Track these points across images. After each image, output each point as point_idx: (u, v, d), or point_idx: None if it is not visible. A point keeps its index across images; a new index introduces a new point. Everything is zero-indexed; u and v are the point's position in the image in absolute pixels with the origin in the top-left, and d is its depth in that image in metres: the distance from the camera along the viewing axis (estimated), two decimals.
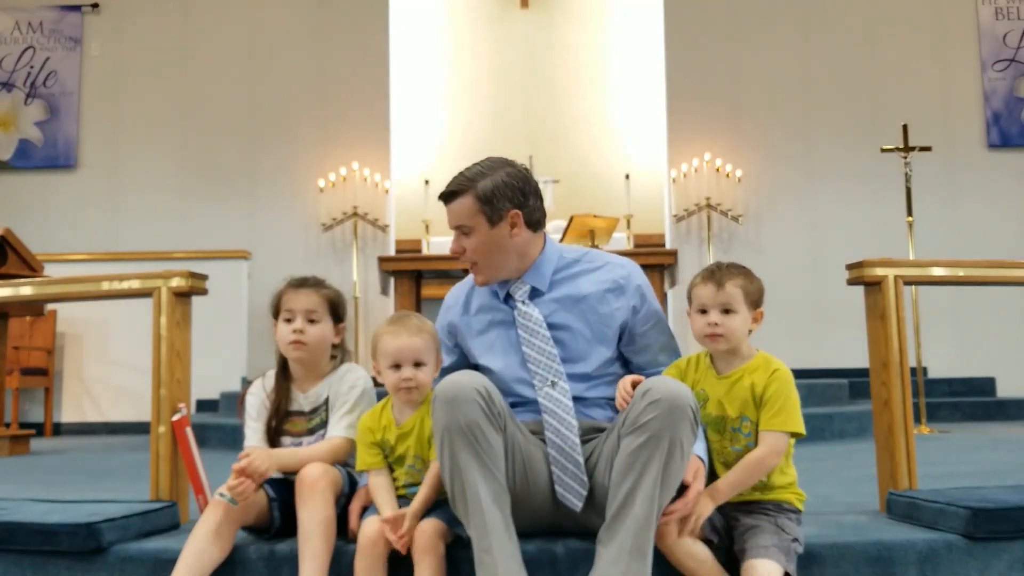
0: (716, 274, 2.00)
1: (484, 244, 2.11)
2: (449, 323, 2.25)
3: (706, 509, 1.89)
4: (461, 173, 2.14)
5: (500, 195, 2.09)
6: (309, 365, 2.20)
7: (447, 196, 2.14)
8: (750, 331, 2.01)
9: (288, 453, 2.10)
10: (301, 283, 2.20)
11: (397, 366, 2.03)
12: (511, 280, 2.16)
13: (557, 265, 2.18)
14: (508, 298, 2.17)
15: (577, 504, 1.96)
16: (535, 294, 2.15)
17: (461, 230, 2.13)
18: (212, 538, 1.95)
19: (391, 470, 2.06)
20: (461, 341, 2.23)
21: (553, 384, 2.05)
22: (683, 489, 1.87)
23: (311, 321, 2.15)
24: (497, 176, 2.10)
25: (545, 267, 2.16)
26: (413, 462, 2.04)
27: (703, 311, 1.99)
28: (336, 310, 2.20)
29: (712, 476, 1.98)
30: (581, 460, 1.96)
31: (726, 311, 1.97)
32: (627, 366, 2.20)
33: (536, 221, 2.15)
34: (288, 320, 2.16)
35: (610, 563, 1.77)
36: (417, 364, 2.03)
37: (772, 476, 1.95)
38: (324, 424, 2.17)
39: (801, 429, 1.93)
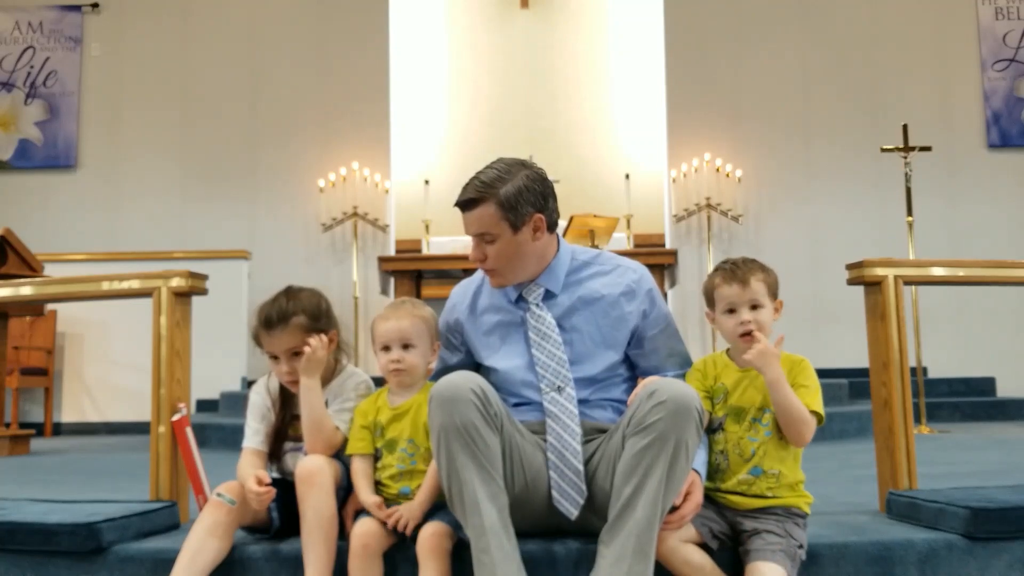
0: (738, 272, 1.99)
1: (507, 250, 2.05)
2: (455, 321, 2.21)
3: (771, 356, 1.89)
4: (477, 178, 2.05)
5: (523, 200, 2.02)
6: None
7: (466, 204, 2.05)
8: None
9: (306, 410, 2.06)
10: (268, 323, 2.07)
11: (387, 348, 2.04)
12: (524, 282, 2.13)
13: (570, 267, 2.15)
14: (520, 300, 2.13)
15: (573, 512, 1.95)
16: (547, 296, 2.13)
17: (483, 238, 2.06)
18: (210, 537, 1.94)
19: (380, 457, 2.05)
20: (467, 340, 2.20)
21: (560, 389, 2.03)
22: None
23: (296, 354, 2.07)
24: (518, 180, 2.03)
25: (559, 269, 2.14)
26: (405, 446, 2.02)
27: (731, 311, 1.99)
28: (316, 329, 2.07)
29: (729, 471, 1.97)
30: (581, 468, 1.95)
31: (755, 307, 1.98)
32: (633, 369, 2.18)
33: (554, 223, 2.12)
34: (274, 358, 2.11)
35: (612, 563, 1.76)
36: (405, 346, 2.03)
37: (785, 475, 1.95)
38: None
39: (823, 413, 1.95)
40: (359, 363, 7.12)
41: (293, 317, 2.07)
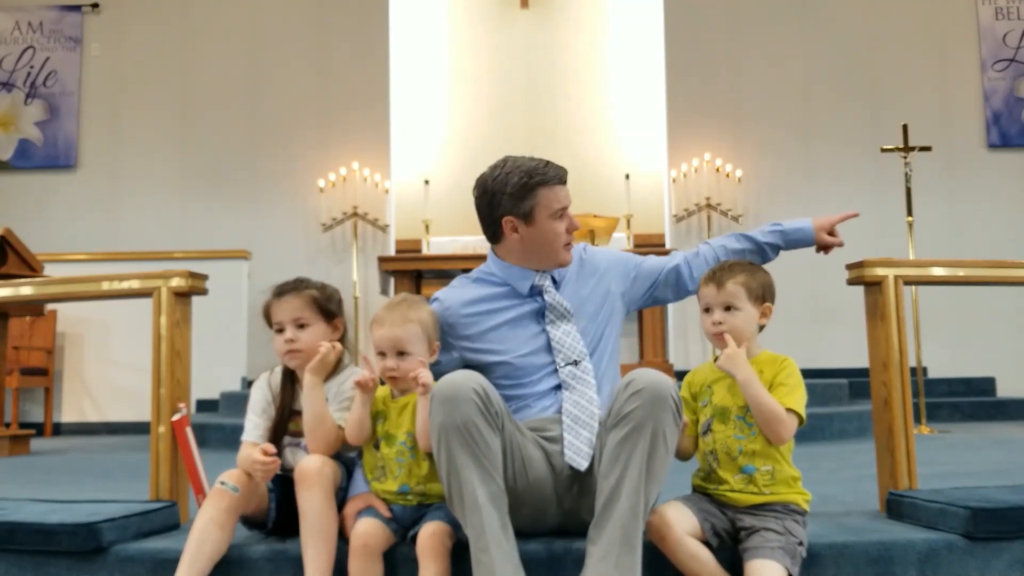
0: (717, 274, 2.04)
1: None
2: (446, 325, 2.19)
3: (739, 358, 1.93)
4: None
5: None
6: None
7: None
8: (762, 327, 2.04)
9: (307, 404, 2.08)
10: (281, 291, 2.15)
11: (383, 354, 2.05)
12: (533, 273, 2.19)
13: None
14: (532, 289, 2.19)
15: (583, 464, 1.96)
16: (552, 282, 2.22)
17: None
18: (214, 525, 1.95)
19: (378, 447, 2.05)
20: (457, 344, 2.18)
21: (576, 363, 2.11)
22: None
23: (301, 327, 2.12)
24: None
25: None
26: (405, 439, 2.01)
27: (707, 310, 2.04)
28: (326, 307, 2.16)
29: (722, 470, 1.97)
30: (596, 426, 1.98)
31: (728, 308, 2.00)
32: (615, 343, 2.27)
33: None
34: (279, 331, 2.14)
35: (600, 557, 1.77)
36: (400, 353, 2.03)
37: (780, 471, 1.95)
38: None
39: (803, 412, 1.95)
40: (359, 362, 7.11)
41: (305, 289, 2.15)
